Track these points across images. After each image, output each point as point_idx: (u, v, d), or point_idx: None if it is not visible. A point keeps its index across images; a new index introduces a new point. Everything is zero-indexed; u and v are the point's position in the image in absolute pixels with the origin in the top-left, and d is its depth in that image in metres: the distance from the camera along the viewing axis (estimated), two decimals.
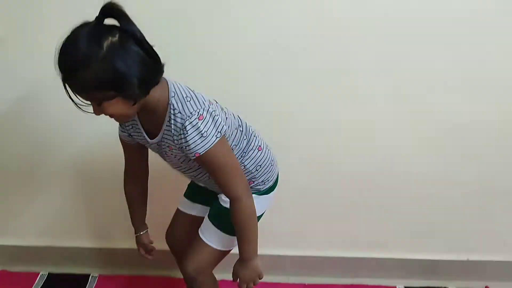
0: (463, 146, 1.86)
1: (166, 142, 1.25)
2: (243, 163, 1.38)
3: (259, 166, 1.42)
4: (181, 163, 1.33)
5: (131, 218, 1.61)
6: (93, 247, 2.03)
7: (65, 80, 1.06)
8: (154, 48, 1.12)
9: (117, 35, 1.04)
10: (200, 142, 1.17)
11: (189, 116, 1.16)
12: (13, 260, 2.06)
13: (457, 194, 1.98)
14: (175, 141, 1.21)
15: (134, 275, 2.03)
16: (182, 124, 1.17)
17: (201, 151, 1.18)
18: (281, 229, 2.01)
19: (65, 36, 1.04)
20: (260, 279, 1.38)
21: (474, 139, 1.85)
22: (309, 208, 1.99)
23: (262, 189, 1.46)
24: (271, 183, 1.49)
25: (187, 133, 1.16)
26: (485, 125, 1.82)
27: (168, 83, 1.21)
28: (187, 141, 1.17)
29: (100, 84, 1.05)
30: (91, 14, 1.06)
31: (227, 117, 1.30)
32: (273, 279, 1.96)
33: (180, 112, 1.17)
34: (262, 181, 1.45)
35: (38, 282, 1.98)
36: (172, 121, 1.19)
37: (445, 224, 2.06)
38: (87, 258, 2.05)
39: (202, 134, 1.17)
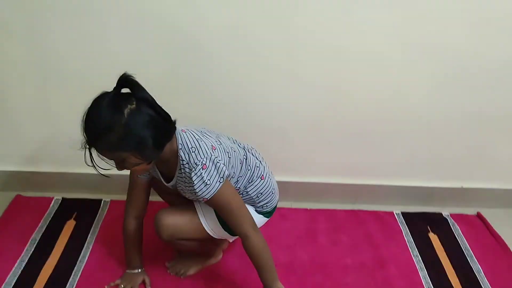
0: (461, 78, 1.90)
1: (181, 185, 1.44)
2: (246, 190, 1.55)
3: (261, 194, 1.58)
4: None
5: (126, 255, 1.70)
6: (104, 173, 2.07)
7: (90, 144, 1.23)
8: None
9: (134, 102, 1.21)
10: (206, 189, 1.35)
11: (194, 168, 1.34)
12: (27, 185, 2.11)
13: (454, 124, 2.04)
14: (186, 188, 1.41)
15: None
16: (190, 174, 1.35)
17: (208, 196, 1.36)
18: (286, 156, 2.09)
19: (89, 106, 1.21)
20: None
21: (471, 70, 1.88)
22: (313, 136, 2.04)
23: (260, 211, 1.63)
24: (269, 209, 1.65)
25: (194, 182, 1.34)
26: (482, 58, 1.85)
27: (176, 135, 1.38)
28: (194, 189, 1.35)
29: (122, 146, 1.21)
30: None
31: (230, 157, 1.44)
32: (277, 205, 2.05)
33: (188, 163, 1.35)
34: (261, 206, 1.62)
35: (53, 206, 2.04)
36: (183, 170, 1.38)
37: (442, 154, 2.13)
38: (99, 184, 2.09)
39: (206, 183, 1.34)
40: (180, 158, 1.37)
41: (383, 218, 2.12)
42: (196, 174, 1.34)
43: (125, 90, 1.25)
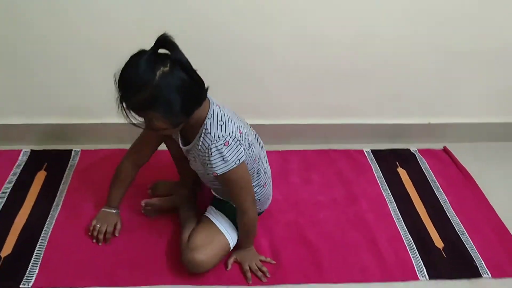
0: (427, 13, 1.90)
1: (194, 153, 1.42)
2: None
3: (258, 200, 1.60)
4: (201, 170, 1.48)
5: (109, 192, 1.69)
6: (74, 123, 2.05)
7: (122, 99, 1.23)
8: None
9: (168, 65, 1.19)
10: (221, 164, 1.34)
11: (216, 140, 1.33)
12: None
13: (420, 60, 2.05)
14: (200, 156, 1.38)
15: (115, 148, 2.09)
16: (209, 146, 1.33)
17: (219, 172, 1.35)
18: (257, 99, 2.09)
19: (125, 62, 1.22)
20: (261, 262, 1.61)
21: (438, 5, 1.89)
22: (284, 78, 2.04)
23: None
24: (259, 211, 1.67)
25: (211, 154, 1.33)
26: None
27: (210, 105, 1.37)
28: (210, 161, 1.34)
29: (150, 107, 1.22)
30: None
31: (252, 148, 1.45)
32: None
33: (210, 133, 1.33)
34: None
35: (22, 158, 2.00)
36: (201, 139, 1.35)
37: (410, 91, 2.16)
38: (69, 134, 2.07)
39: (223, 158, 1.33)
40: (205, 127, 1.35)
41: (353, 156, 2.17)
42: (216, 147, 1.33)
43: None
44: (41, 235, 1.67)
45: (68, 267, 1.57)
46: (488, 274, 1.65)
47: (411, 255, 1.70)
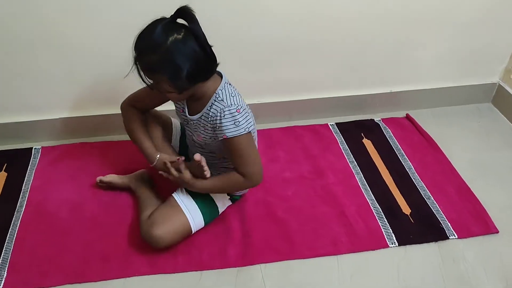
0: None
1: (202, 122, 1.47)
2: None
3: None
4: (203, 143, 1.53)
5: (144, 150, 1.62)
6: (31, 120, 2.00)
7: (135, 59, 1.32)
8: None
9: (182, 34, 1.27)
10: (232, 127, 1.40)
11: (229, 106, 1.40)
12: None
13: (379, 28, 2.06)
14: (211, 122, 1.43)
15: (75, 143, 2.05)
16: (222, 109, 1.39)
17: (229, 135, 1.40)
18: None
19: (146, 25, 1.29)
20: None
21: None
22: (243, 56, 2.01)
23: (234, 196, 1.71)
24: (238, 196, 1.74)
25: (224, 116, 1.39)
26: None
27: (222, 81, 1.45)
28: (221, 123, 1.39)
29: (158, 69, 1.30)
30: None
31: (254, 125, 1.51)
32: None
33: (223, 100, 1.40)
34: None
35: None
36: (214, 106, 1.41)
37: (369, 60, 2.17)
38: (27, 132, 2.02)
39: (235, 122, 1.39)
40: (216, 95, 1.42)
41: (318, 131, 2.18)
42: (230, 111, 1.39)
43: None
44: (7, 237, 1.63)
45: (37, 267, 1.54)
46: (454, 235, 1.70)
47: (380, 224, 1.73)
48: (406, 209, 1.79)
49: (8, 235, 1.64)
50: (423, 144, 2.12)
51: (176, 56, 1.28)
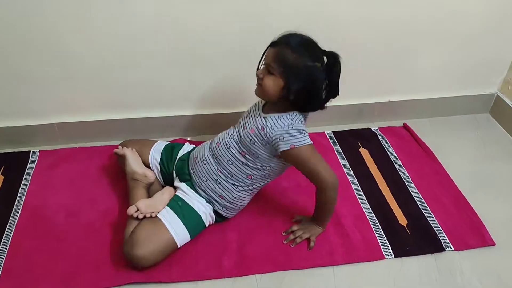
0: None
1: (265, 125, 1.51)
2: (237, 193, 1.64)
3: (237, 206, 1.69)
4: (240, 147, 1.58)
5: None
6: (29, 124, 2.00)
7: (274, 44, 1.46)
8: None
9: (322, 65, 1.46)
10: (300, 136, 1.48)
11: (298, 125, 1.50)
12: None
13: (378, 37, 2.06)
14: (275, 130, 1.49)
15: (74, 147, 2.05)
16: (291, 123, 1.49)
17: (297, 144, 1.48)
18: (217, 88, 2.06)
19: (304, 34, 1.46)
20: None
21: None
22: (242, 67, 1.96)
23: (220, 212, 1.68)
24: (220, 218, 1.70)
25: (292, 128, 1.48)
26: None
27: (304, 115, 1.57)
28: (289, 133, 1.47)
29: (288, 70, 1.43)
30: None
31: None
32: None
33: (293, 120, 1.50)
34: (222, 208, 1.67)
35: None
36: (285, 117, 1.51)
37: (367, 70, 2.17)
38: (25, 136, 2.02)
39: (300, 132, 1.49)
40: (293, 115, 1.52)
41: (315, 139, 2.06)
42: (297, 128, 1.49)
43: None
44: (1, 242, 1.62)
45: (30, 273, 1.52)
46: (451, 247, 1.70)
47: (376, 235, 1.73)
48: (403, 220, 1.79)
49: (3, 240, 1.63)
50: (421, 154, 2.12)
51: (303, 77, 1.44)
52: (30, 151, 2.01)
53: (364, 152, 2.13)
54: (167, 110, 2.09)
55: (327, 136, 2.21)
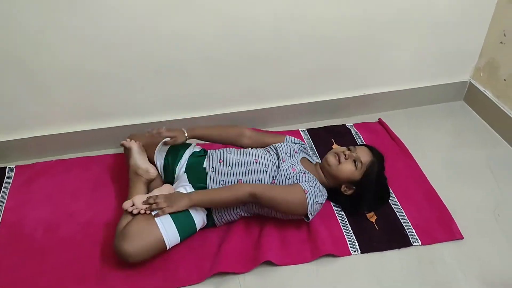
0: None
1: (299, 166, 1.74)
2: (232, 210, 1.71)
3: (225, 219, 1.72)
4: (274, 176, 1.70)
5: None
6: (4, 140, 2.00)
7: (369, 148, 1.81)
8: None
9: (377, 170, 1.74)
10: (314, 191, 1.65)
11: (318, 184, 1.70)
12: None
13: (350, 32, 2.07)
14: (305, 174, 1.71)
15: (51, 160, 2.06)
16: (316, 183, 1.70)
17: (307, 190, 1.64)
18: (185, 91, 2.07)
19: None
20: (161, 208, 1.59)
21: None
22: (210, 66, 2.01)
23: (215, 218, 1.72)
24: (200, 226, 1.69)
25: (315, 183, 1.70)
26: None
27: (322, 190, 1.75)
28: (311, 184, 1.66)
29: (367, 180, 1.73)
30: None
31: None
32: None
33: (314, 183, 1.69)
34: (222, 217, 1.72)
35: None
36: (308, 175, 1.72)
37: (341, 64, 2.18)
38: (0, 152, 2.03)
39: (319, 190, 1.68)
40: (319, 176, 1.77)
41: None
42: (318, 187, 1.69)
43: None
44: None
45: None
46: (418, 242, 1.73)
47: (344, 232, 1.76)
48: (372, 216, 1.82)
49: None
50: (394, 149, 2.14)
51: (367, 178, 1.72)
52: (6, 167, 2.01)
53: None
54: (145, 117, 2.10)
55: (301, 133, 2.23)
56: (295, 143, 1.86)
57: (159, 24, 1.83)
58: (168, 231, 1.57)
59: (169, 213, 1.58)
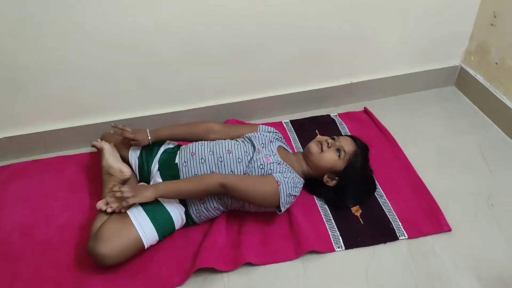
0: None
1: (275, 156, 1.67)
2: (211, 205, 1.64)
3: (203, 215, 1.66)
4: (248, 167, 1.62)
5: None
6: None
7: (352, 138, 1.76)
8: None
9: (361, 160, 1.69)
10: (288, 182, 1.58)
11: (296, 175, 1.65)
12: None
13: (335, 17, 2.00)
14: (282, 165, 1.64)
15: (27, 161, 2.02)
16: (294, 175, 1.64)
17: (280, 181, 1.56)
18: (171, 85, 2.02)
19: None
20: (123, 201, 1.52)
21: None
22: (196, 59, 1.96)
23: (193, 216, 1.66)
24: (178, 225, 1.66)
25: (291, 175, 1.62)
26: None
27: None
28: (287, 176, 1.59)
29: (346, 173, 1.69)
30: None
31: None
32: None
33: (294, 178, 1.62)
34: (190, 215, 1.65)
35: None
36: (286, 165, 1.66)
37: (326, 52, 2.11)
38: None
39: (294, 183, 1.60)
40: (300, 166, 1.72)
41: None
42: (293, 178, 1.61)
43: None
44: None
45: None
46: (404, 235, 1.67)
47: (327, 227, 1.70)
48: (357, 210, 1.76)
49: None
50: (380, 139, 2.08)
51: (348, 168, 1.67)
52: None
53: None
54: (126, 113, 2.05)
55: (284, 125, 2.17)
56: (269, 132, 1.80)
57: (141, 14, 1.77)
58: (144, 229, 1.52)
59: (142, 208, 1.54)
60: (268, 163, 1.62)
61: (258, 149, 1.67)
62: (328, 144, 1.66)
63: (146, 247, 1.54)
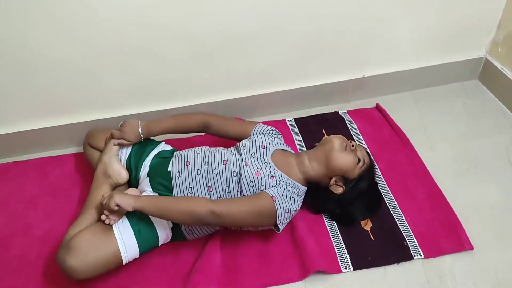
0: None
1: (272, 169, 1.49)
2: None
3: (192, 232, 1.51)
4: (240, 183, 1.45)
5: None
6: None
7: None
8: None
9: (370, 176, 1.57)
10: (285, 198, 1.42)
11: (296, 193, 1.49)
12: None
13: (346, 5, 1.83)
14: (279, 177, 1.47)
15: (6, 162, 1.91)
16: (294, 190, 1.48)
17: (274, 196, 1.40)
18: (163, 80, 1.89)
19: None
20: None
21: None
22: (187, 51, 1.81)
23: (184, 233, 1.51)
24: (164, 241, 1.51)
25: (289, 188, 1.46)
26: None
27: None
28: (283, 190, 1.43)
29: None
30: None
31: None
32: None
33: (292, 188, 1.48)
34: (193, 231, 1.51)
35: None
36: (286, 179, 1.48)
37: (337, 43, 1.96)
38: None
39: (292, 199, 1.44)
40: (302, 167, 1.53)
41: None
42: (296, 194, 1.47)
43: None
44: None
45: None
46: (420, 254, 1.49)
47: (334, 243, 1.54)
48: (367, 224, 1.58)
49: None
50: (393, 140, 1.90)
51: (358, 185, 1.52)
52: None
53: None
54: (114, 110, 1.93)
55: (288, 124, 2.00)
56: (263, 134, 1.62)
57: (127, 3, 1.63)
58: (126, 244, 1.38)
59: (128, 220, 1.41)
60: (258, 178, 1.44)
61: (245, 161, 1.49)
62: (353, 146, 1.51)
63: (124, 263, 1.39)
